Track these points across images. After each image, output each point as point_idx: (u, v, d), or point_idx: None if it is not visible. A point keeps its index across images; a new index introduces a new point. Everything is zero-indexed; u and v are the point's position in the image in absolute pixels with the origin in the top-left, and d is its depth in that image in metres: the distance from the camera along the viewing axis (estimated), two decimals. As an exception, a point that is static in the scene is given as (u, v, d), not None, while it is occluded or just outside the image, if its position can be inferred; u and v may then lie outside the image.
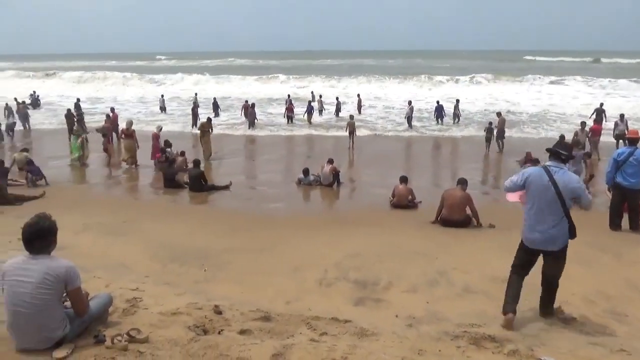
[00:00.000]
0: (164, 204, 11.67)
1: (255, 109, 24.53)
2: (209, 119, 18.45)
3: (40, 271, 3.31)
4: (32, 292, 3.28)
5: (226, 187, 12.59)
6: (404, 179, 11.08)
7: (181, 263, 6.92)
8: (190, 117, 23.57)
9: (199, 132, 17.64)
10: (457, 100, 25.09)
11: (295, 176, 13.37)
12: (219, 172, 15.04)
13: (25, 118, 23.80)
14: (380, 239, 8.44)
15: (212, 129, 17.65)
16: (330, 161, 13.08)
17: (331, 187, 12.74)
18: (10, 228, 8.17)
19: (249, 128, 23.20)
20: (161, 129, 16.65)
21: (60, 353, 3.28)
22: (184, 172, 13.51)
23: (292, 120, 24.96)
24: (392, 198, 10.95)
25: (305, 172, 13.07)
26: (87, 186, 13.71)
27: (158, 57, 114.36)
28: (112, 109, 22.08)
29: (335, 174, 12.84)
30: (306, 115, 24.77)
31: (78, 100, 25.88)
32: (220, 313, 4.33)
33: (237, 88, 42.79)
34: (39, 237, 3.37)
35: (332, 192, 12.59)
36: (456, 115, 24.36)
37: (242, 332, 3.92)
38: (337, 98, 28.00)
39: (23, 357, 3.30)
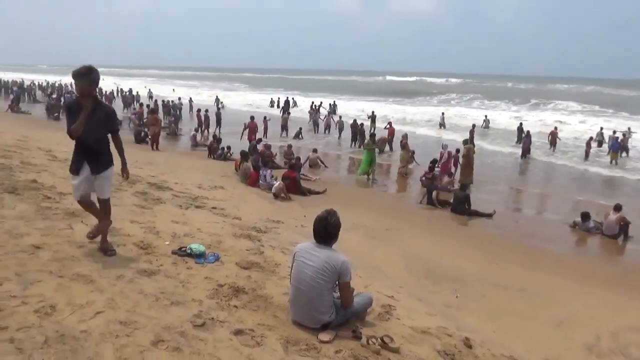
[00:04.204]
0: (424, 219, 11.84)
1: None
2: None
3: (322, 259, 3.76)
4: (313, 275, 3.75)
5: (489, 216, 11.98)
6: None
7: (434, 282, 6.92)
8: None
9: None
10: None
11: (571, 218, 11.79)
12: (479, 197, 14.46)
13: (316, 124, 28.18)
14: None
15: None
16: (618, 208, 11.03)
17: (615, 239, 10.77)
18: (298, 214, 9.68)
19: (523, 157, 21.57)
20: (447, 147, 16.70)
21: (325, 336, 3.65)
22: (447, 192, 13.49)
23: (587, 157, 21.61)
24: None
25: (585, 216, 11.34)
26: (359, 189, 15.08)
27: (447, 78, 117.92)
28: (390, 123, 23.81)
29: (624, 225, 10.77)
30: (610, 153, 21.01)
31: (372, 112, 28.77)
32: (470, 347, 4.13)
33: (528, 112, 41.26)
34: (326, 230, 3.83)
35: (616, 245, 10.62)
36: None
37: (493, 375, 3.64)
38: (627, 130, 23.22)
39: (295, 329, 3.81)
